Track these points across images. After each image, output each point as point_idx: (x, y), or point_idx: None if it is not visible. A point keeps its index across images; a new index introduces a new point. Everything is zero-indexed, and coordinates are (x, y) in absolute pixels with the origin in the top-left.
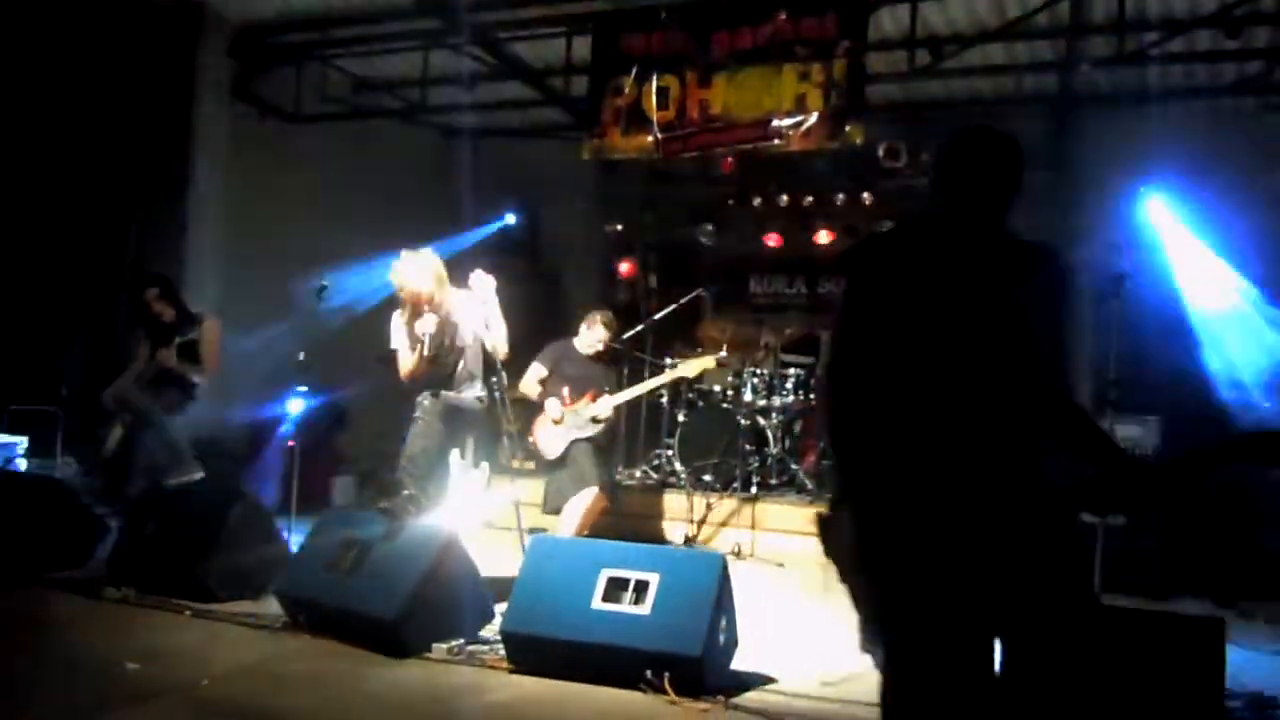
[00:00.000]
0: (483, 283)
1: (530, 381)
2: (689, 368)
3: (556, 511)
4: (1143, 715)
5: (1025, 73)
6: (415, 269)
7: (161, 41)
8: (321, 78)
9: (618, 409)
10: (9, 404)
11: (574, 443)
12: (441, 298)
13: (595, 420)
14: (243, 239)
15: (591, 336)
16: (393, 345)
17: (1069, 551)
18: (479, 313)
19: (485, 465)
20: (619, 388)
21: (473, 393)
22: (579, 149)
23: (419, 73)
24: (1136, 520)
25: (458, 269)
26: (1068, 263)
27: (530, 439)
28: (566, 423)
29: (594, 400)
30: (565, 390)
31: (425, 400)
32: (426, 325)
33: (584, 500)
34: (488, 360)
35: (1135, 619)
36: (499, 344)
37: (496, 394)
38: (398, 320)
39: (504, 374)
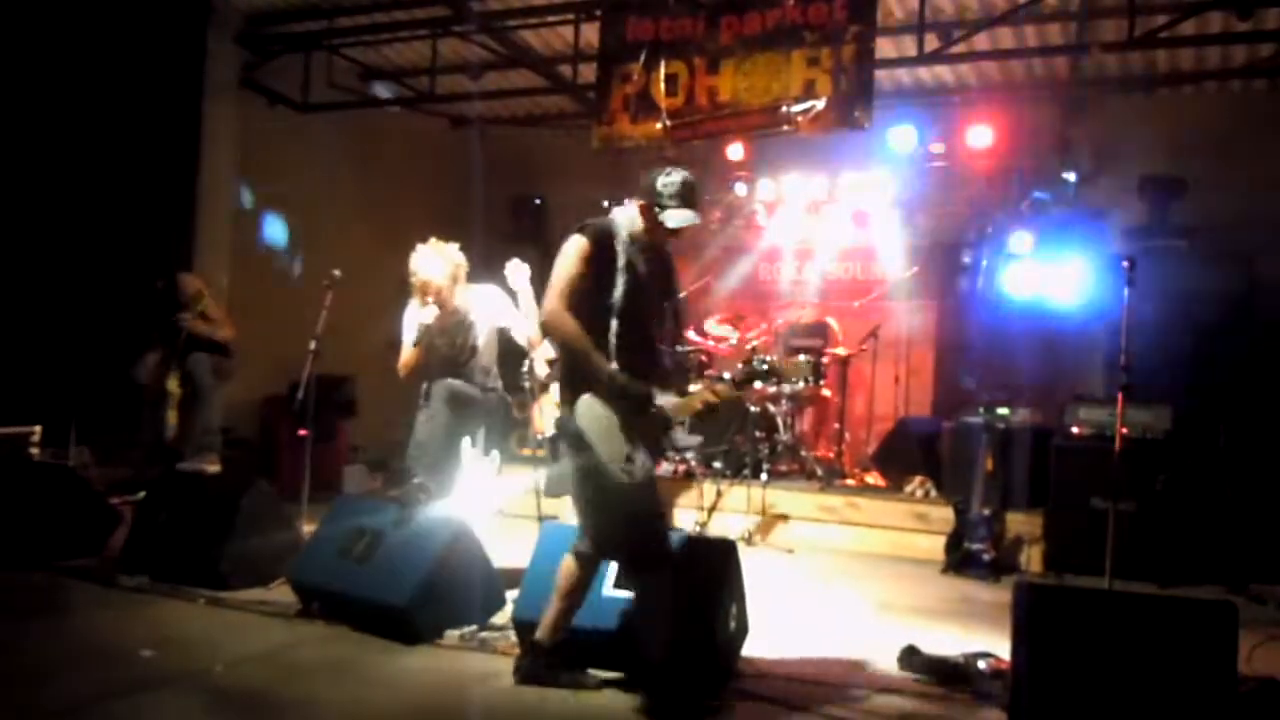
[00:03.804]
0: (518, 271)
1: (540, 359)
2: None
3: (558, 496)
4: (1155, 700)
5: (1034, 56)
6: (432, 259)
7: (169, 30)
8: (329, 66)
9: None
10: (22, 393)
11: None
12: (450, 294)
13: None
14: (251, 227)
15: None
16: (403, 336)
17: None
18: (501, 309)
19: (496, 454)
20: None
21: (480, 381)
22: (588, 137)
23: (427, 61)
24: (1148, 505)
25: (465, 260)
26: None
27: (528, 416)
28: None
29: None
30: None
31: (432, 387)
32: (425, 316)
33: None
34: (515, 349)
35: (1147, 604)
36: (533, 333)
37: (526, 384)
38: (410, 311)
39: (535, 362)
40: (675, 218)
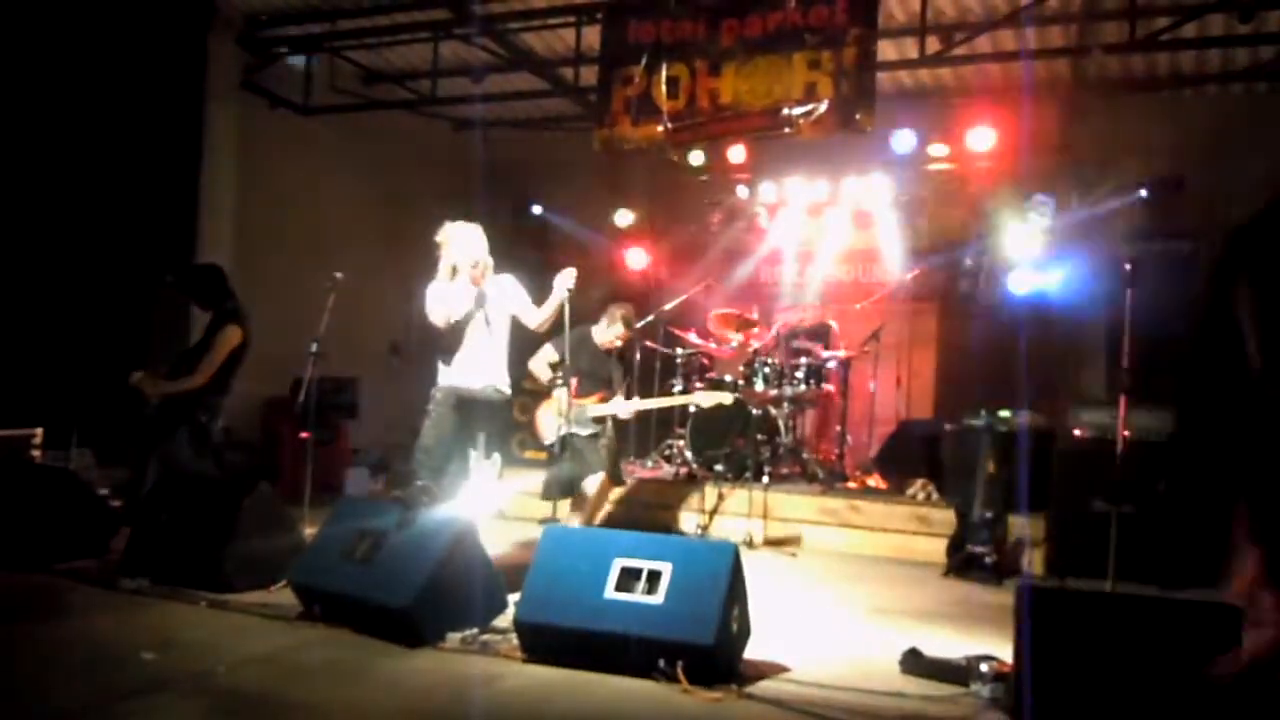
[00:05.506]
0: (566, 277)
1: (541, 362)
2: (705, 398)
3: (553, 499)
4: (1158, 703)
5: (1036, 59)
6: (460, 229)
7: (171, 33)
8: (331, 69)
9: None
10: (24, 395)
11: (574, 435)
12: (470, 254)
13: (596, 420)
14: (253, 229)
15: (610, 332)
16: (428, 306)
17: None
18: (515, 296)
19: (497, 456)
20: (624, 386)
21: (488, 380)
22: (589, 139)
23: (429, 64)
24: (1150, 508)
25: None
26: None
27: (529, 419)
28: (570, 416)
29: (601, 401)
30: (574, 381)
31: (438, 393)
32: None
33: (591, 487)
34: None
35: (1150, 607)
36: (542, 321)
37: (528, 386)
38: (434, 285)
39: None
40: None
